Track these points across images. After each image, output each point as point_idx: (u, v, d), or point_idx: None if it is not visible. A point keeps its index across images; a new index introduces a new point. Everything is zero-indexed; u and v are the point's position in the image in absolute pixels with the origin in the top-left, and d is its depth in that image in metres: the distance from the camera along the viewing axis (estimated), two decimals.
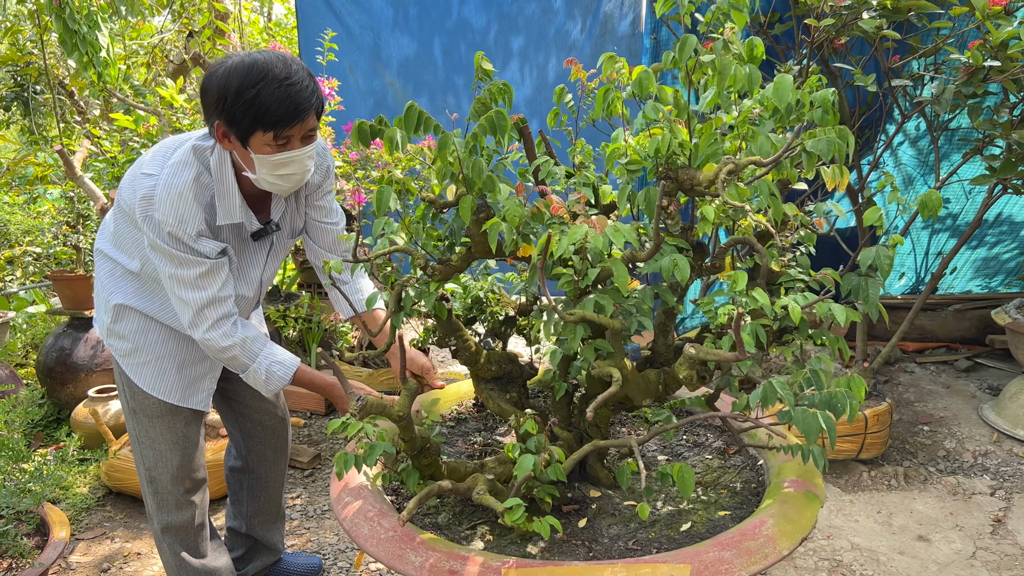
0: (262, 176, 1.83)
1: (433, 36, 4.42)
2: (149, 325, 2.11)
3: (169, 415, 2.15)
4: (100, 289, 2.15)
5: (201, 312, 1.89)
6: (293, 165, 1.82)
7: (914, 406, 4.38)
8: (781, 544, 1.34)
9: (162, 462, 2.17)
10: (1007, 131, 2.96)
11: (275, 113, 1.71)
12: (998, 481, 3.58)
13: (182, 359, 2.14)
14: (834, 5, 2.85)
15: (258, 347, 1.98)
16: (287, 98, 1.71)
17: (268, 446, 2.56)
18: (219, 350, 1.95)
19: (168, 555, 2.27)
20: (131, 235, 2.02)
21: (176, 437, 2.17)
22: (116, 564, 2.99)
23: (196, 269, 1.86)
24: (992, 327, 4.86)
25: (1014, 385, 4.10)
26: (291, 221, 2.18)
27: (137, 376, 2.11)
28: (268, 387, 2.01)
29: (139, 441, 2.18)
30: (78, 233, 3.95)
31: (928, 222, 5.01)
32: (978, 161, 3.96)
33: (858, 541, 3.10)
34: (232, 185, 1.89)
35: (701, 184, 1.35)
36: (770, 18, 3.57)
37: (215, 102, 1.73)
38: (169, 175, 1.83)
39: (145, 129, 4.22)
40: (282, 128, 1.74)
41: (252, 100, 1.69)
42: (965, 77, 2.84)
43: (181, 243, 1.84)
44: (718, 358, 1.36)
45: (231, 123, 1.74)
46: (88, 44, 3.21)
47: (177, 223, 1.81)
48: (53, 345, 3.98)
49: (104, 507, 3.39)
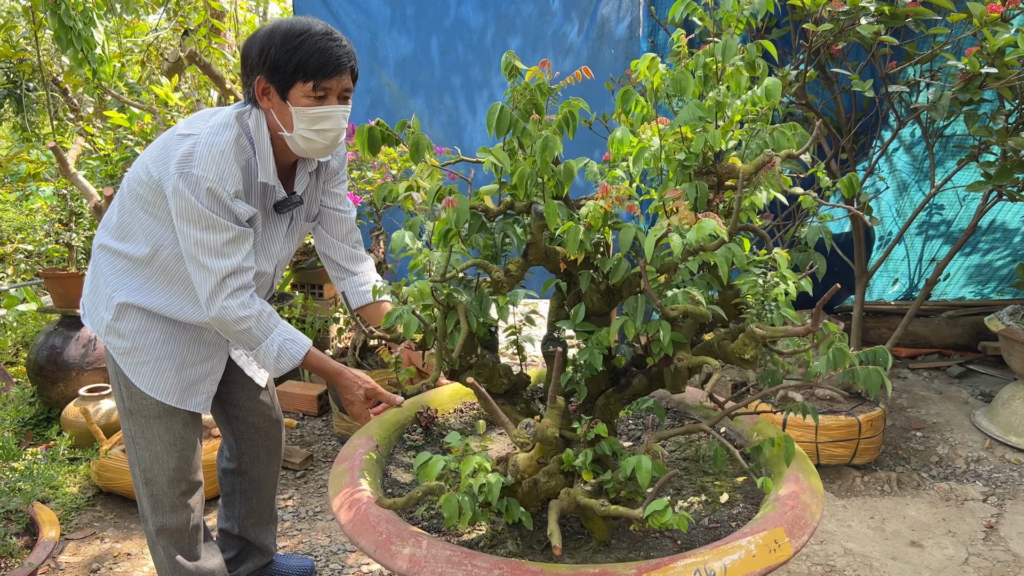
0: (299, 132, 1.88)
1: (430, 36, 4.41)
2: (151, 325, 2.09)
3: (167, 416, 2.13)
4: (102, 285, 2.11)
5: (223, 281, 1.88)
6: (330, 120, 1.88)
7: (907, 412, 4.39)
8: (814, 508, 1.53)
9: (158, 464, 2.15)
10: (1003, 138, 2.96)
11: (317, 62, 1.80)
12: (990, 487, 3.59)
13: (181, 360, 2.13)
14: (832, 10, 2.85)
15: (273, 322, 1.97)
16: (328, 50, 1.81)
17: (261, 448, 2.54)
18: (235, 320, 1.91)
19: (162, 557, 2.24)
20: (140, 222, 2.00)
21: (173, 439, 2.15)
22: (106, 564, 2.97)
23: (224, 235, 1.86)
24: (985, 334, 4.87)
25: (1006, 391, 4.11)
26: (310, 200, 2.19)
27: (135, 376, 2.09)
28: (279, 364, 1.98)
29: (135, 442, 2.16)
30: (70, 231, 3.92)
31: (922, 228, 5.02)
32: (972, 168, 3.97)
33: (851, 546, 3.10)
34: (268, 147, 1.93)
35: (741, 176, 1.35)
36: (768, 23, 3.57)
37: (258, 55, 1.83)
38: (210, 133, 1.86)
39: (139, 127, 4.20)
40: (321, 79, 1.82)
41: (296, 47, 1.79)
42: (961, 84, 2.84)
43: (218, 201, 1.85)
44: (787, 334, 1.37)
45: (273, 72, 1.82)
46: (83, 41, 3.19)
47: (217, 179, 1.83)
48: (44, 343, 3.95)
49: (94, 507, 3.36)
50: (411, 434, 2.18)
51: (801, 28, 3.22)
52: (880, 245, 5.04)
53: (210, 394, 2.22)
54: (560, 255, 1.53)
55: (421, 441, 2.15)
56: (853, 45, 3.38)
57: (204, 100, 4.43)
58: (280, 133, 1.92)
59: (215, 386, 2.23)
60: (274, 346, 1.96)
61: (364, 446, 1.92)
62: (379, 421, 2.08)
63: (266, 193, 2.02)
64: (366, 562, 2.96)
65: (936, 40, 3.41)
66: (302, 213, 2.19)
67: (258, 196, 2.00)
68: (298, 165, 2.09)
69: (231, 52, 4.72)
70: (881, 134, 4.13)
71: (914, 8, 2.95)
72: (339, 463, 1.82)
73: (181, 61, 4.97)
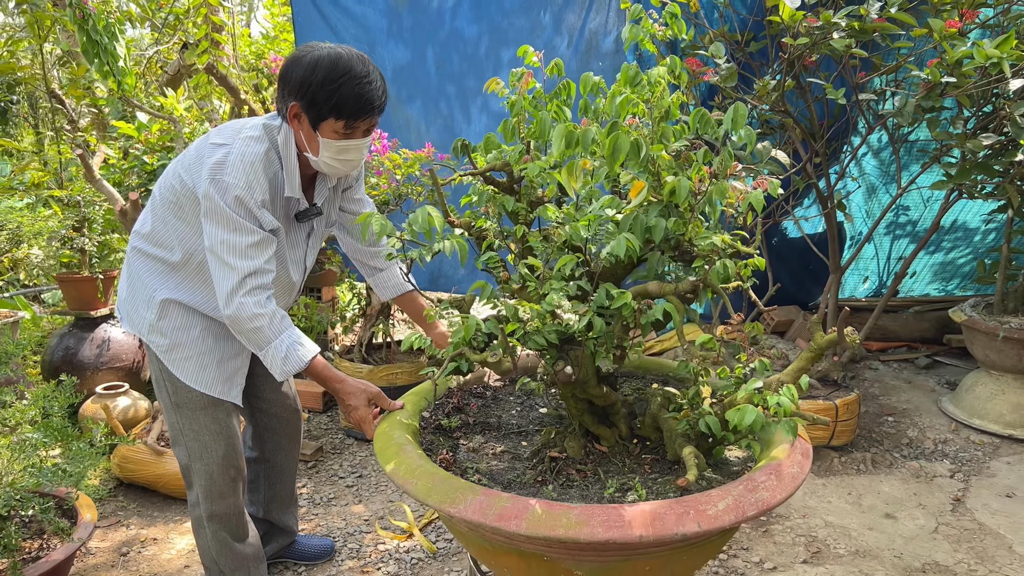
0: (323, 158, 2.01)
1: (426, 46, 4.63)
2: (192, 321, 2.20)
3: (212, 407, 2.25)
4: (141, 287, 2.22)
5: (244, 280, 1.95)
6: (353, 152, 2.02)
7: (879, 400, 4.67)
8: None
9: (208, 453, 2.27)
10: (961, 141, 3.25)
11: (352, 107, 1.92)
12: (957, 465, 3.86)
13: (221, 354, 2.25)
14: (807, 25, 3.12)
15: (284, 325, 2.04)
16: (364, 95, 1.92)
17: (283, 436, 2.71)
18: (249, 318, 1.97)
19: (210, 539, 2.38)
20: (173, 228, 2.13)
21: (220, 428, 2.27)
22: (135, 548, 3.12)
23: (250, 237, 1.96)
24: (949, 327, 5.18)
25: (970, 379, 4.41)
26: (329, 208, 2.33)
27: (180, 371, 2.21)
28: (285, 366, 2.02)
29: (183, 434, 2.28)
30: (83, 236, 4.07)
31: (890, 228, 5.33)
32: (936, 170, 4.27)
33: (831, 519, 3.35)
34: (295, 162, 2.06)
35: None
36: (746, 36, 3.84)
37: (299, 86, 1.93)
38: (242, 144, 1.98)
39: (146, 137, 4.37)
40: (353, 120, 1.95)
41: (335, 91, 1.90)
42: (924, 92, 3.12)
43: (245, 208, 1.96)
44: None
45: (310, 106, 1.94)
46: (108, 54, 3.37)
47: (246, 188, 1.94)
48: (58, 345, 4.09)
49: (116, 497, 3.51)
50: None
51: (778, 41, 3.48)
52: (852, 244, 5.34)
53: (241, 386, 2.34)
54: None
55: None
56: (825, 57, 3.65)
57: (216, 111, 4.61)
58: (305, 153, 2.06)
59: (244, 379, 2.36)
60: (283, 347, 2.01)
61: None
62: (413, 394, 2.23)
63: (289, 204, 2.15)
64: (382, 542, 3.15)
65: (901, 52, 3.70)
66: (322, 222, 2.32)
67: (282, 207, 2.12)
68: (318, 177, 2.22)
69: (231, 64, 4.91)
70: (851, 139, 4.42)
71: (880, 24, 3.23)
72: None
73: (180, 73, 5.15)
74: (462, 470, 1.78)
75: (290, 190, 2.07)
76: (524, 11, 4.48)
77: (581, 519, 1.41)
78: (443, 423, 2.00)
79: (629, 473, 1.78)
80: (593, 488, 1.73)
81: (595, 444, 1.89)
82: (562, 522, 1.41)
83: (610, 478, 1.75)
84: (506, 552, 1.58)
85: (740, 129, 1.66)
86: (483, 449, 1.91)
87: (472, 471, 1.78)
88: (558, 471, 1.77)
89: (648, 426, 1.90)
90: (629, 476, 1.76)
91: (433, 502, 1.52)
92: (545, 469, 1.78)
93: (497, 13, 4.53)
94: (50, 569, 2.41)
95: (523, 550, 1.54)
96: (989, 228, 5.13)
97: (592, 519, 1.41)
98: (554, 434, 1.90)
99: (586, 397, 1.85)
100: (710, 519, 1.44)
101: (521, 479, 1.76)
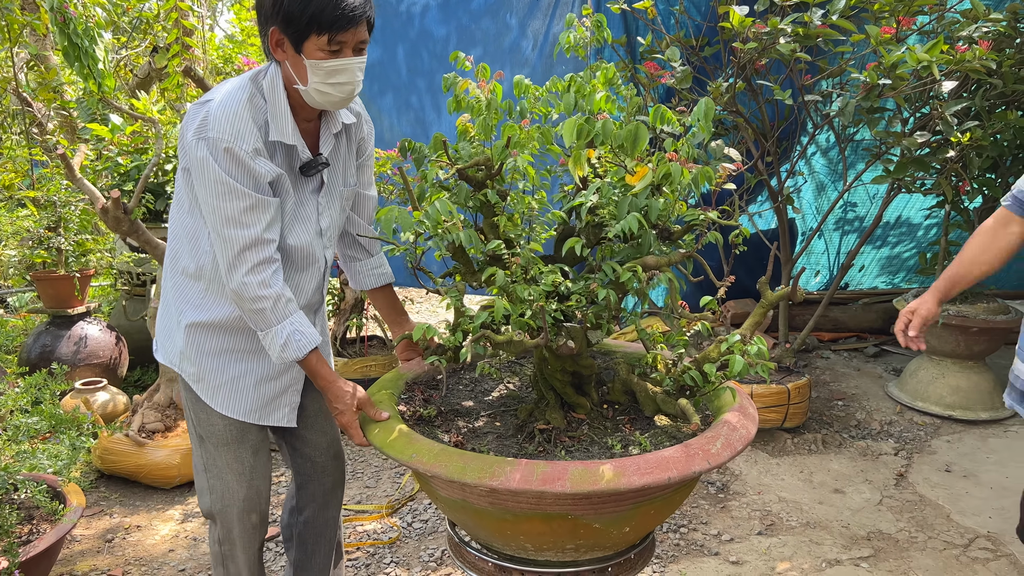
0: (314, 85, 1.83)
1: (397, 44, 4.81)
2: (221, 343, 2.04)
3: (236, 444, 2.09)
4: (171, 312, 2.09)
5: (242, 253, 1.83)
6: (345, 73, 1.83)
7: (829, 385, 4.93)
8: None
9: (229, 493, 2.10)
10: (898, 139, 3.50)
11: (331, 14, 1.74)
12: (900, 444, 4.12)
13: (259, 375, 2.08)
14: (756, 32, 3.34)
15: (290, 310, 1.90)
16: (343, 2, 1.75)
17: (319, 485, 2.34)
18: (251, 299, 1.85)
19: (221, 573, 2.22)
20: (185, 228, 1.99)
21: (243, 468, 2.10)
22: (119, 535, 3.23)
23: (242, 202, 1.81)
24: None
25: (913, 364, 4.68)
26: (343, 166, 2.12)
27: (213, 399, 2.05)
28: (283, 353, 1.90)
29: (206, 470, 2.11)
30: (59, 236, 4.15)
31: (839, 224, 5.61)
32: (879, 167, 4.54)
33: (784, 495, 3.57)
34: (284, 104, 1.88)
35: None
36: (701, 41, 4.06)
37: (272, 4, 1.78)
38: (223, 96, 1.84)
39: (119, 138, 4.46)
40: (336, 32, 1.77)
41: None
42: (863, 93, 3.36)
43: (237, 161, 1.80)
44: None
45: (287, 24, 1.77)
46: (88, 56, 3.47)
47: (233, 138, 1.79)
48: (35, 343, 4.16)
49: (98, 488, 3.60)
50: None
51: (731, 46, 3.71)
52: (803, 239, 5.60)
53: (294, 406, 2.16)
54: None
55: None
56: (774, 61, 3.89)
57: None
58: (295, 87, 1.86)
59: (298, 396, 2.17)
60: (283, 334, 1.89)
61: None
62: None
63: (291, 155, 1.96)
64: (360, 524, 3.29)
65: (843, 57, 3.95)
66: (336, 178, 2.10)
67: (283, 157, 1.94)
68: (322, 127, 2.03)
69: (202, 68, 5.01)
70: (800, 139, 4.67)
71: (823, 30, 3.46)
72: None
73: (151, 76, 5.23)
74: (472, 449, 1.89)
75: (277, 133, 1.88)
76: (491, 14, 4.67)
77: (617, 471, 1.59)
78: (423, 414, 2.06)
79: (614, 433, 1.96)
80: (594, 449, 1.89)
81: (572, 413, 2.06)
82: (603, 476, 1.58)
83: (605, 438, 1.93)
84: (528, 518, 1.71)
85: (708, 123, 1.85)
86: (470, 431, 2.06)
87: (479, 450, 1.88)
88: (553, 440, 1.94)
89: (618, 391, 2.08)
90: (614, 436, 1.94)
91: (471, 479, 1.62)
92: (541, 440, 1.94)
93: (464, 15, 4.71)
94: (43, 550, 2.51)
95: (549, 512, 1.68)
96: (930, 223, 5.43)
97: (626, 470, 1.60)
98: (532, 409, 2.06)
99: (575, 369, 2.02)
100: (715, 456, 1.68)
101: (525, 451, 1.89)
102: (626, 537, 1.83)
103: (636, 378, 2.04)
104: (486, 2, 4.67)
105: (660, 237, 1.96)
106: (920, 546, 3.13)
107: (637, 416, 2.05)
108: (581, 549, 1.81)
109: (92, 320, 4.34)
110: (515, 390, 2.27)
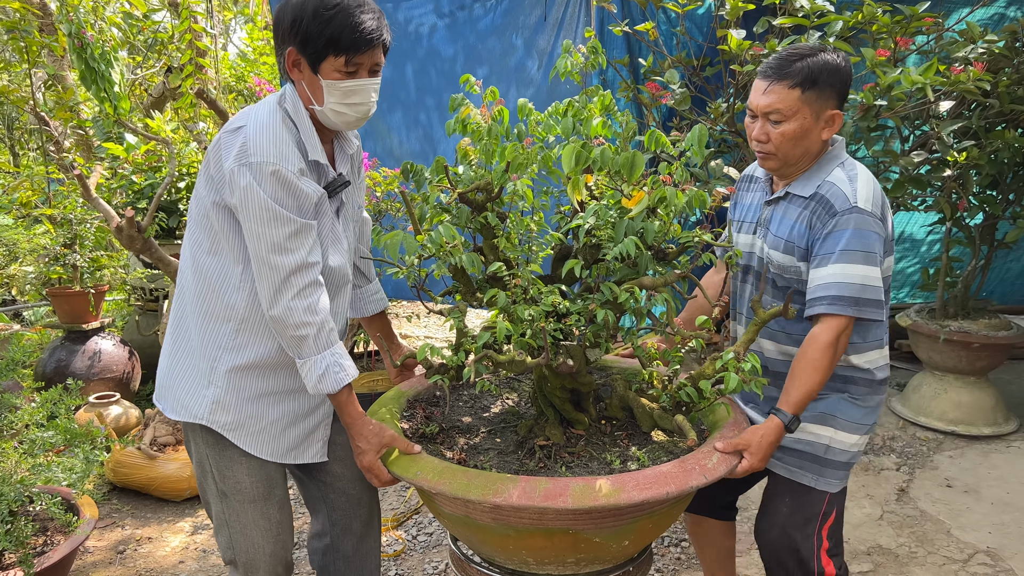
0: (330, 105, 1.85)
1: (406, 63, 4.92)
2: (264, 384, 1.99)
3: (263, 501, 2.03)
4: (192, 366, 1.98)
5: (288, 279, 1.80)
6: (361, 94, 1.86)
7: None
8: None
9: (254, 549, 2.04)
10: (894, 159, 3.55)
11: (349, 36, 1.77)
12: (903, 459, 4.15)
13: (293, 416, 2.05)
14: (753, 54, 3.41)
15: (332, 340, 1.88)
16: (361, 23, 1.77)
17: (355, 518, 2.26)
18: (296, 325, 1.82)
19: None
20: (211, 270, 1.93)
21: (270, 525, 2.05)
22: (131, 547, 3.30)
23: (287, 228, 1.79)
24: (899, 333, 5.50)
25: (916, 379, 4.71)
26: (355, 187, 2.12)
27: (251, 445, 1.99)
28: (319, 385, 1.87)
29: (228, 525, 2.04)
30: (75, 252, 4.25)
31: None
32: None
33: None
34: (310, 125, 1.90)
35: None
36: (701, 62, 4.14)
37: (290, 25, 1.79)
38: (258, 121, 1.83)
39: (134, 157, 4.57)
40: (354, 54, 1.79)
41: (328, 21, 1.75)
42: (860, 113, 3.42)
43: (284, 184, 1.79)
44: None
45: (304, 45, 1.79)
46: (105, 80, 3.58)
47: (279, 159, 1.78)
48: (51, 357, 4.26)
49: (110, 500, 3.68)
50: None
51: (730, 67, 3.78)
52: None
53: (325, 440, 2.14)
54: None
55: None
56: None
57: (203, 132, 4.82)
58: (311, 107, 1.88)
59: (329, 431, 2.15)
60: (323, 364, 1.86)
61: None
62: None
63: (320, 174, 1.95)
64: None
65: None
66: (351, 198, 2.10)
67: (316, 178, 1.94)
68: (336, 148, 2.04)
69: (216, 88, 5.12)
70: None
71: None
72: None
73: (165, 95, 5.35)
74: (474, 466, 1.93)
75: (312, 152, 1.89)
76: (497, 34, 4.76)
77: (616, 487, 1.65)
78: (425, 431, 2.10)
79: (612, 448, 2.01)
80: (593, 464, 1.94)
81: (571, 429, 2.12)
82: (602, 492, 1.64)
83: (604, 453, 1.99)
84: (531, 534, 1.75)
85: (701, 148, 1.91)
86: (472, 448, 2.11)
87: (481, 466, 1.93)
88: (553, 456, 2.00)
89: (615, 407, 2.14)
90: (613, 451, 1.99)
91: (475, 496, 1.66)
92: (542, 456, 1.99)
93: (471, 35, 4.81)
94: (57, 561, 2.59)
95: (551, 527, 1.72)
96: (932, 239, 5.47)
97: (626, 485, 1.65)
98: (532, 426, 2.12)
99: (574, 386, 2.08)
100: (711, 471, 1.74)
101: (526, 468, 1.94)
102: (625, 550, 1.89)
103: (633, 394, 2.10)
104: (492, 22, 4.77)
105: (656, 257, 2.03)
106: (920, 561, 3.16)
107: (634, 431, 2.11)
108: (582, 562, 1.87)
109: (106, 335, 4.43)
110: (514, 406, 2.33)
